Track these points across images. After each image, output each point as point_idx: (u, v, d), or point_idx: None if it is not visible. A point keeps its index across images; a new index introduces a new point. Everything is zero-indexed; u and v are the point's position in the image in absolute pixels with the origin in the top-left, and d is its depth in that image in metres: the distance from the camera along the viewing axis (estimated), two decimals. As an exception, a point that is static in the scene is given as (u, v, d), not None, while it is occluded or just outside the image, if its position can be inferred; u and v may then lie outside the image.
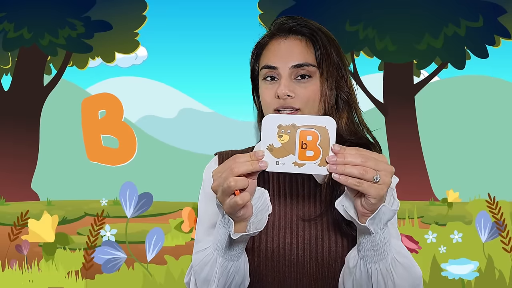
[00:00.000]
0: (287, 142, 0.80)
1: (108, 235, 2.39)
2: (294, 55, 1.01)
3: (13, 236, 2.40)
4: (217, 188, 0.83)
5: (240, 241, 0.90)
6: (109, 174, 2.42)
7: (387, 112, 2.46)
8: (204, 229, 1.07)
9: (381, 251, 0.87)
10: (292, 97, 0.99)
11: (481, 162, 2.44)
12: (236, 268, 0.93)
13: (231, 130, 2.43)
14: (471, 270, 2.40)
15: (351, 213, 0.85)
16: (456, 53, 2.46)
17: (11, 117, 2.45)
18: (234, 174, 0.80)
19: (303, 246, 0.99)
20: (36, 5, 2.45)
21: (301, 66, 1.00)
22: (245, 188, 0.81)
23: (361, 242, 0.88)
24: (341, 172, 0.78)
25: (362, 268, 0.90)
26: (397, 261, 0.89)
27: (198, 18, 2.46)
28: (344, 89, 1.04)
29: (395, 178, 1.07)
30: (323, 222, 1.01)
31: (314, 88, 1.00)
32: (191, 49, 2.45)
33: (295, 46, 1.02)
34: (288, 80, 1.00)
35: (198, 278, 0.96)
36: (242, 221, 0.87)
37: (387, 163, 0.81)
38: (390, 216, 0.84)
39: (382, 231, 0.86)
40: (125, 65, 2.45)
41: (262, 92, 1.04)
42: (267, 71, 1.02)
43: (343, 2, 2.46)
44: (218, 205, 0.86)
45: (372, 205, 0.81)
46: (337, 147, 0.79)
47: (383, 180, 0.79)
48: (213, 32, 2.45)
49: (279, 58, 1.01)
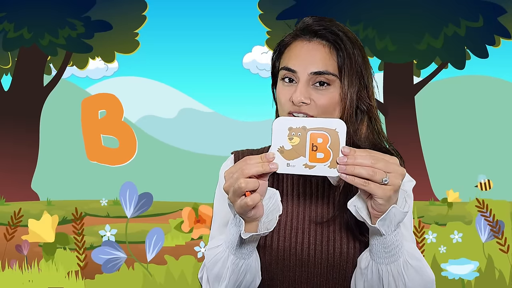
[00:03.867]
0: (297, 144, 0.81)
1: (108, 235, 2.39)
2: (315, 61, 0.98)
3: (9, 235, 2.40)
4: (228, 189, 0.84)
5: (251, 240, 0.91)
6: (109, 174, 2.42)
7: (387, 112, 2.46)
8: (218, 226, 1.09)
9: (393, 253, 0.87)
10: (308, 104, 0.97)
11: (481, 162, 2.44)
12: (247, 266, 0.94)
13: (231, 130, 2.43)
14: (471, 270, 2.40)
15: (363, 214, 0.85)
16: (456, 53, 2.47)
17: (11, 117, 2.45)
18: (244, 176, 0.81)
19: (315, 247, 1.00)
20: (36, 5, 2.45)
21: (321, 74, 0.97)
22: (256, 190, 0.82)
23: (373, 243, 0.89)
24: (350, 173, 0.78)
25: (373, 269, 0.90)
26: (409, 264, 0.89)
27: (198, 18, 2.46)
28: (365, 100, 1.02)
29: (412, 181, 1.06)
30: (335, 224, 1.01)
31: (332, 97, 0.98)
32: (191, 49, 2.45)
33: (317, 52, 0.99)
34: (305, 86, 0.97)
35: (210, 274, 0.97)
36: (253, 221, 0.87)
37: (398, 165, 0.80)
38: (401, 218, 0.84)
39: (394, 233, 0.86)
40: (96, 77, 2.45)
41: (279, 92, 1.02)
42: (286, 72, 1.00)
43: (343, 2, 2.46)
44: (229, 205, 0.87)
45: (380, 206, 0.81)
46: (347, 149, 0.79)
47: (392, 181, 0.79)
48: (213, 32, 2.45)
49: (299, 62, 0.99)
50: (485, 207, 2.41)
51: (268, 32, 2.40)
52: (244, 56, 2.43)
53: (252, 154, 1.10)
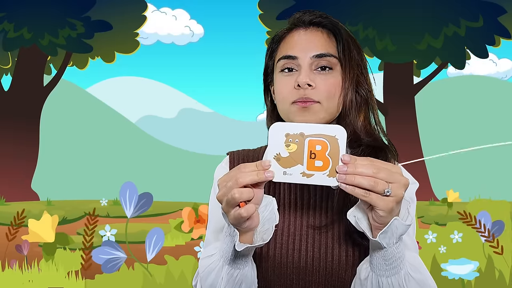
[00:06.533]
0: (295, 151, 0.77)
1: (108, 235, 2.39)
2: (315, 45, 0.96)
3: (10, 236, 2.40)
4: (222, 198, 0.79)
5: (246, 251, 0.87)
6: (109, 174, 2.42)
7: (387, 112, 2.46)
8: (212, 231, 1.05)
9: (394, 265, 0.84)
10: (313, 87, 0.94)
11: (481, 162, 2.43)
12: (242, 276, 0.91)
13: (231, 130, 2.43)
14: (471, 270, 2.40)
15: (363, 226, 0.81)
16: (456, 53, 2.46)
17: (11, 117, 2.45)
18: (239, 185, 0.76)
19: (312, 254, 0.96)
20: (36, 5, 2.45)
21: (323, 57, 0.95)
22: (251, 200, 0.78)
23: (374, 255, 0.85)
24: (350, 183, 0.74)
25: (373, 281, 0.86)
26: (411, 276, 0.86)
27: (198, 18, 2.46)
28: (363, 86, 0.99)
29: (416, 183, 1.03)
30: (333, 231, 0.97)
31: (334, 82, 0.96)
32: (191, 49, 2.45)
33: (316, 37, 0.98)
34: (308, 70, 0.94)
35: (204, 284, 0.94)
36: (248, 231, 0.83)
37: (401, 175, 0.76)
38: (403, 230, 0.80)
39: (395, 246, 0.82)
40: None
41: (279, 85, 0.98)
42: (286, 61, 0.97)
43: (343, 2, 2.46)
44: (223, 214, 0.82)
45: (381, 218, 0.77)
46: (347, 157, 0.75)
47: (394, 193, 0.75)
48: (213, 32, 2.45)
49: (299, 48, 0.96)
50: (468, 216, 2.39)
51: (268, 32, 2.40)
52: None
53: (248, 154, 1.08)
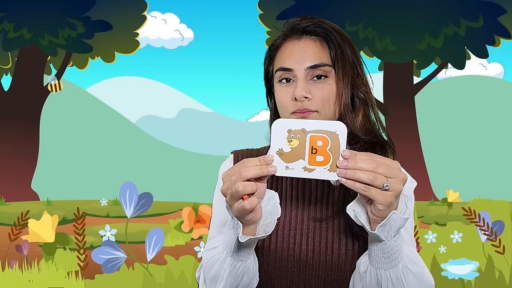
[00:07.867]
0: (296, 147, 0.80)
1: (108, 235, 2.39)
2: (309, 56, 1.00)
3: (13, 236, 2.40)
4: (226, 191, 0.83)
5: (249, 243, 0.90)
6: (109, 174, 2.42)
7: (387, 112, 2.46)
8: (216, 226, 1.09)
9: (392, 258, 0.86)
10: (309, 99, 0.98)
11: (481, 162, 2.44)
12: (244, 268, 0.93)
13: (231, 130, 2.43)
14: (471, 270, 2.40)
15: (362, 219, 0.84)
16: (456, 53, 2.46)
17: (11, 117, 2.45)
18: (242, 179, 0.80)
19: (313, 248, 0.99)
20: (36, 5, 2.44)
21: (317, 67, 0.99)
22: (254, 193, 0.81)
23: (372, 248, 0.88)
24: (350, 178, 0.77)
25: (372, 274, 0.89)
26: (409, 269, 0.88)
27: (198, 18, 2.46)
28: (361, 88, 1.03)
29: (413, 182, 1.06)
30: (334, 224, 1.00)
31: (330, 89, 1.00)
32: (191, 49, 2.45)
33: (309, 47, 1.01)
34: (304, 82, 0.99)
35: (207, 275, 0.97)
36: (251, 224, 0.87)
37: (399, 170, 0.79)
38: (401, 224, 0.83)
39: (394, 239, 0.85)
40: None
41: (278, 94, 1.03)
42: (282, 73, 1.01)
43: (343, 2, 2.45)
44: (227, 207, 0.86)
45: (380, 212, 0.79)
46: (347, 152, 0.78)
47: (393, 187, 0.77)
48: (213, 32, 2.45)
49: (294, 60, 1.01)
50: (473, 213, 2.40)
51: (268, 32, 2.40)
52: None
53: (252, 154, 1.11)
